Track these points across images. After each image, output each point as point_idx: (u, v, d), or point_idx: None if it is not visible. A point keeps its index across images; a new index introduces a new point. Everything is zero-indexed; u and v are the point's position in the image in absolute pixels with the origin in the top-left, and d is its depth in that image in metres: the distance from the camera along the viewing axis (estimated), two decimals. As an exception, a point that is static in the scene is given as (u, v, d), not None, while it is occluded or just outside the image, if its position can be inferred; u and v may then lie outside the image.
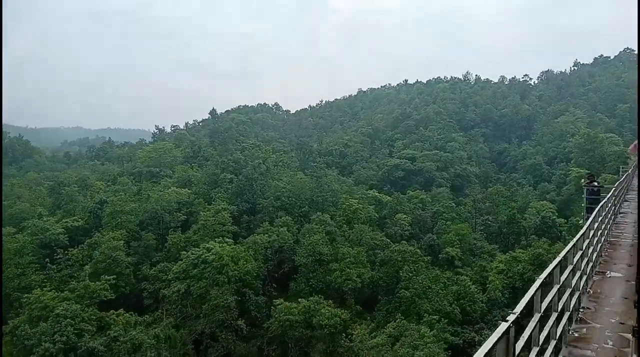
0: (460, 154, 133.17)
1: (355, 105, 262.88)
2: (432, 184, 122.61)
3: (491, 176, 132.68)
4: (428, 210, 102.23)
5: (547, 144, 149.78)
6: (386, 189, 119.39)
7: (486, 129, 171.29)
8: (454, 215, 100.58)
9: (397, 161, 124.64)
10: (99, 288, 51.70)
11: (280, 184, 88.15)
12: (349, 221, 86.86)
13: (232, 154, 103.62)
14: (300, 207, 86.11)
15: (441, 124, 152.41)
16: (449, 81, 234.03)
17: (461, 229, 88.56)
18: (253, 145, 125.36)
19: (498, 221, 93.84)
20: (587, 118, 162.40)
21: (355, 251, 73.26)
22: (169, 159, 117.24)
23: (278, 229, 77.61)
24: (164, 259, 76.40)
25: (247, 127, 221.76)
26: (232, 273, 63.99)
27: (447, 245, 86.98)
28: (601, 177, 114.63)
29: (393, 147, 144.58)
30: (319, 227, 79.10)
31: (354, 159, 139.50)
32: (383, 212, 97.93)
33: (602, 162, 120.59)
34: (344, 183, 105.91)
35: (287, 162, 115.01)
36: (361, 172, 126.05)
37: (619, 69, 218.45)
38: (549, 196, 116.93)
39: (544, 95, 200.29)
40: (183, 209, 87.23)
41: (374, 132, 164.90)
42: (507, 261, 71.80)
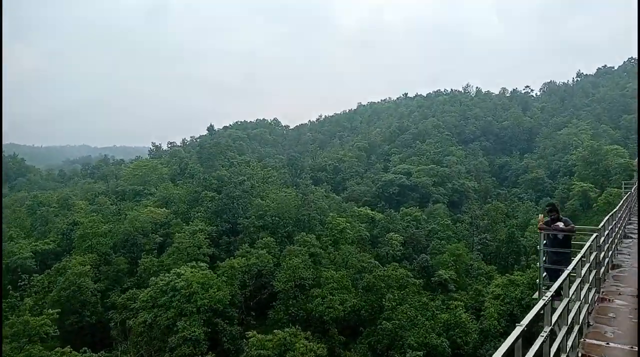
0: (458, 169, 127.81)
1: (354, 119, 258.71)
2: (429, 200, 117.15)
3: (491, 191, 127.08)
4: (423, 228, 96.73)
5: (550, 157, 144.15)
6: (380, 206, 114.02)
7: (487, 142, 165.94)
8: (450, 233, 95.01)
9: (392, 176, 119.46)
10: (39, 324, 46.43)
11: (264, 202, 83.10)
12: (335, 241, 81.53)
13: (215, 171, 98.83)
14: (284, 227, 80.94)
15: (439, 137, 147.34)
16: (449, 94, 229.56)
17: (457, 249, 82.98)
18: (242, 162, 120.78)
19: (496, 240, 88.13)
20: (590, 130, 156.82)
21: (339, 274, 67.83)
22: (153, 177, 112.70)
23: (258, 252, 72.41)
24: (135, 285, 71.31)
25: (244, 143, 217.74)
26: (201, 302, 58.67)
27: (442, 266, 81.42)
28: (606, 192, 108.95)
29: (389, 162, 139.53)
30: (302, 249, 73.78)
31: (348, 174, 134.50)
32: (374, 231, 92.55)
33: (606, 176, 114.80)
34: (333, 200, 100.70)
35: (275, 179, 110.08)
36: (354, 188, 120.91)
37: (623, 79, 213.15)
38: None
39: (546, 107, 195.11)
40: (160, 230, 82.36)
41: (370, 146, 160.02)
42: (504, 285, 65.94)
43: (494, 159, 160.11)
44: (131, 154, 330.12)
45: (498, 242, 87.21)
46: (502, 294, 64.89)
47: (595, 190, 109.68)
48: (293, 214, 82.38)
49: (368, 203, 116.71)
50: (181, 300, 60.39)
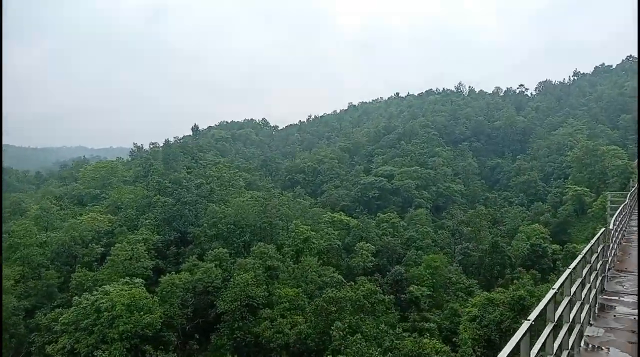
0: (443, 171, 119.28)
1: (344, 119, 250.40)
2: (412, 204, 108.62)
3: (479, 195, 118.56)
4: (400, 236, 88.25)
5: (543, 159, 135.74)
6: (358, 211, 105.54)
7: (477, 143, 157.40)
8: (430, 242, 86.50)
9: (372, 179, 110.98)
10: None
11: (219, 208, 74.51)
12: (299, 252, 72.96)
13: (173, 173, 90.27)
14: (241, 236, 72.35)
15: (425, 137, 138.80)
16: (441, 93, 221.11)
17: (434, 260, 74.46)
18: (211, 163, 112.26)
19: (479, 250, 79.58)
20: (587, 130, 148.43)
21: (293, 292, 59.32)
22: (113, 180, 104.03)
23: (205, 265, 63.89)
24: (67, 302, 62.74)
25: (227, 143, 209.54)
26: (123, 327, 50.11)
27: (417, 280, 72.90)
28: (602, 196, 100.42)
29: (372, 164, 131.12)
30: (257, 262, 65.25)
31: (328, 177, 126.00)
32: (347, 240, 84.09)
33: (603, 178, 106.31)
34: (301, 205, 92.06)
35: (244, 182, 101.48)
36: (332, 192, 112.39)
37: (621, 77, 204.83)
38: (543, 218, 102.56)
39: (541, 107, 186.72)
40: (103, 240, 73.78)
41: (354, 147, 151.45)
42: (482, 305, 57.36)
43: (485, 161, 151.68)
44: (124, 154, 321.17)
45: (481, 252, 78.69)
46: (479, 315, 56.41)
47: (590, 194, 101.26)
48: (252, 222, 73.82)
49: (346, 208, 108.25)
50: (104, 324, 51.96)
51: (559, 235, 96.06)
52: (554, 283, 7.42)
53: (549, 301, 6.62)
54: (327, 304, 48.04)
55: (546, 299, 6.57)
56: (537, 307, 6.11)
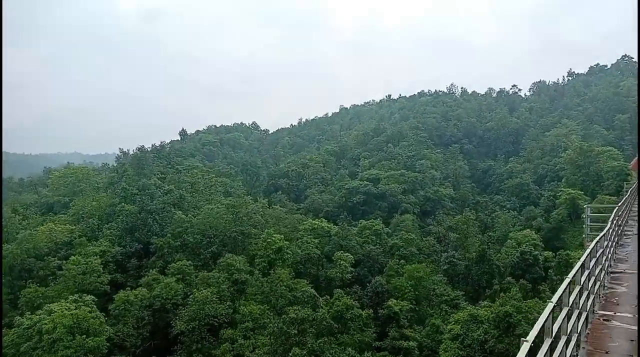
0: (432, 174, 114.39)
1: (335, 122, 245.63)
2: (398, 209, 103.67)
3: (469, 199, 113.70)
4: (383, 244, 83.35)
5: (536, 161, 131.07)
6: (342, 217, 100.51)
7: (469, 145, 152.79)
8: (415, 250, 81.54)
9: (356, 184, 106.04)
10: None
11: (186, 217, 69.45)
12: (271, 264, 67.91)
13: (143, 179, 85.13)
14: (208, 247, 67.28)
15: (414, 139, 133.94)
16: (432, 95, 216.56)
17: (416, 271, 69.53)
18: (188, 168, 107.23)
19: (466, 258, 74.63)
20: (581, 130, 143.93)
21: (259, 309, 54.30)
22: (84, 186, 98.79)
23: (165, 280, 58.87)
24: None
25: (214, 148, 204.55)
26: (63, 353, 45.05)
27: (398, 292, 67.97)
28: (597, 200, 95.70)
29: (358, 167, 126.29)
30: (222, 275, 60.25)
31: (312, 181, 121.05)
32: (326, 248, 79.11)
33: (597, 181, 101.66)
34: (276, 212, 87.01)
35: (222, 188, 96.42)
36: (315, 197, 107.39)
37: (616, 77, 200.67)
38: (535, 223, 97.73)
39: (535, 107, 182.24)
40: (61, 252, 68.64)
41: (341, 150, 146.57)
42: (465, 322, 52.49)
43: (477, 163, 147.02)
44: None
45: (468, 261, 73.72)
46: (461, 334, 51.52)
47: (585, 197, 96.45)
48: (222, 231, 68.79)
49: (330, 214, 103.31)
50: (45, 348, 46.89)
51: (551, 241, 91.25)
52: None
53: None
54: (288, 327, 42.95)
55: None
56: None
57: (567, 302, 8.10)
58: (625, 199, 28.48)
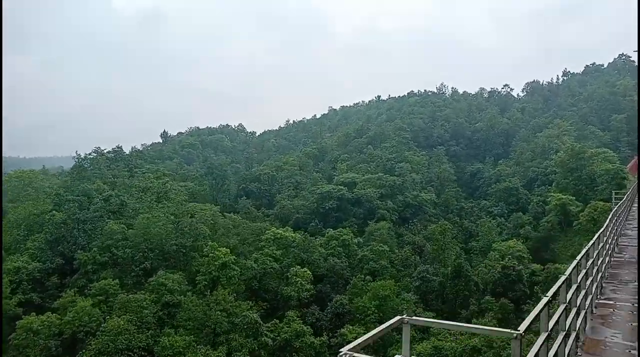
0: (412, 178, 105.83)
1: (323, 124, 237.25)
2: (374, 216, 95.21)
3: (453, 204, 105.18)
4: (351, 257, 74.86)
5: (527, 163, 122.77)
6: (313, 225, 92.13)
7: (456, 147, 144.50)
8: (386, 263, 72.98)
9: (329, 188, 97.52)
10: None
11: (117, 227, 60.84)
12: (215, 282, 59.33)
13: (82, 184, 76.56)
14: (141, 262, 58.66)
15: (396, 141, 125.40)
16: (422, 95, 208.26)
17: (382, 288, 61.04)
18: (147, 172, 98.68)
19: (441, 274, 66.12)
20: (575, 131, 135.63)
21: (182, 341, 45.69)
22: (30, 191, 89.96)
23: (81, 303, 50.27)
24: None
25: (193, 150, 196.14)
26: None
27: (360, 314, 59.50)
28: (590, 206, 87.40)
29: (335, 170, 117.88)
30: (150, 297, 51.71)
31: (286, 186, 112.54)
32: (285, 262, 70.59)
33: (591, 185, 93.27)
34: (232, 220, 78.40)
35: (182, 195, 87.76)
36: (285, 202, 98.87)
37: (613, 76, 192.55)
38: (524, 231, 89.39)
39: (527, 108, 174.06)
40: (-24, 268, 60.07)
41: (320, 153, 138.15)
42: (428, 356, 44.04)
43: (465, 166, 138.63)
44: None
45: (443, 276, 65.20)
46: (421, 371, 43.14)
47: (576, 203, 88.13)
48: (158, 244, 60.21)
49: (300, 221, 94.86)
50: None
51: (540, 252, 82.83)
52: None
53: None
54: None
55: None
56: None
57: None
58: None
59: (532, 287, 67.54)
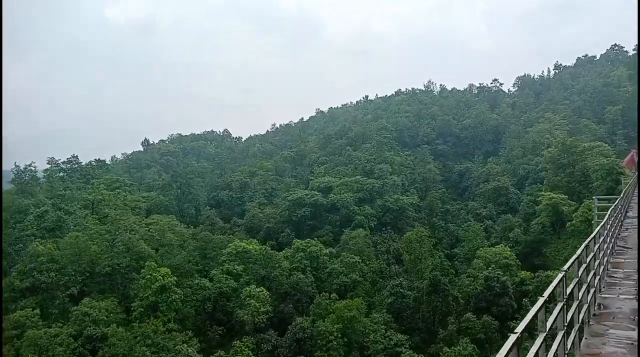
0: (392, 180, 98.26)
1: (310, 127, 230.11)
2: (352, 223, 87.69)
3: (437, 207, 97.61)
4: (320, 270, 67.33)
5: (517, 161, 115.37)
6: (284, 235, 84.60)
7: (444, 146, 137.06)
8: (358, 277, 65.42)
9: (302, 194, 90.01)
10: None
11: (42, 247, 53.26)
12: (154, 308, 51.69)
13: (18, 199, 69.08)
14: (67, 288, 51.04)
15: (377, 141, 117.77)
16: (409, 93, 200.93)
17: (347, 309, 53.49)
18: (107, 181, 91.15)
19: (416, 288, 58.55)
20: (568, 125, 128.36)
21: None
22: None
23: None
24: None
25: (172, 157, 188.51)
26: None
27: (322, 340, 51.90)
28: (584, 205, 79.99)
29: (312, 174, 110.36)
30: (69, 331, 44.05)
31: (260, 192, 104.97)
32: (242, 279, 63.07)
33: (585, 181, 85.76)
34: (179, 235, 70.72)
35: (140, 205, 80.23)
36: (255, 211, 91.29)
37: (606, 68, 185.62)
38: (513, 234, 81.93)
39: (518, 103, 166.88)
40: None
41: (299, 156, 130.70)
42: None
43: (453, 166, 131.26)
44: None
45: (418, 291, 57.62)
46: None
47: (569, 202, 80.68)
48: (89, 265, 52.59)
49: (271, 231, 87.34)
50: None
51: (530, 257, 75.40)
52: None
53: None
54: None
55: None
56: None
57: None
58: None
59: (520, 299, 60.09)
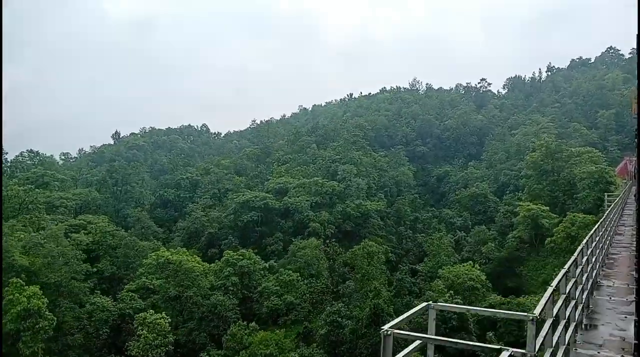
0: (357, 183, 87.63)
1: (291, 124, 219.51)
2: (305, 230, 77.08)
3: (405, 215, 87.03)
4: (250, 289, 56.66)
5: (499, 165, 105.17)
6: (226, 243, 73.81)
7: (423, 147, 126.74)
8: (293, 298, 54.76)
9: (250, 196, 79.24)
10: None
11: None
12: (15, 337, 40.80)
13: None
14: None
15: (347, 140, 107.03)
16: (393, 91, 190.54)
17: (264, 343, 42.87)
18: (31, 177, 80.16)
19: (355, 318, 47.93)
20: (556, 128, 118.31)
21: None
22: None
23: None
24: None
25: (139, 151, 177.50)
26: None
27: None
28: (567, 219, 69.77)
29: (271, 174, 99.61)
30: None
31: (210, 192, 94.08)
32: (149, 300, 52.25)
33: (569, 192, 75.52)
34: (116, 238, 60.04)
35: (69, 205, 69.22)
36: (198, 214, 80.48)
37: (601, 71, 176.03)
38: (486, 249, 71.50)
39: (506, 104, 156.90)
40: None
41: (264, 153, 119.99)
42: None
43: (432, 169, 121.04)
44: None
45: (356, 321, 46.98)
46: None
47: (551, 215, 70.46)
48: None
49: (214, 238, 76.65)
50: None
51: (503, 277, 64.99)
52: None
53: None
54: None
55: None
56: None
57: None
58: None
59: (485, 332, 49.68)
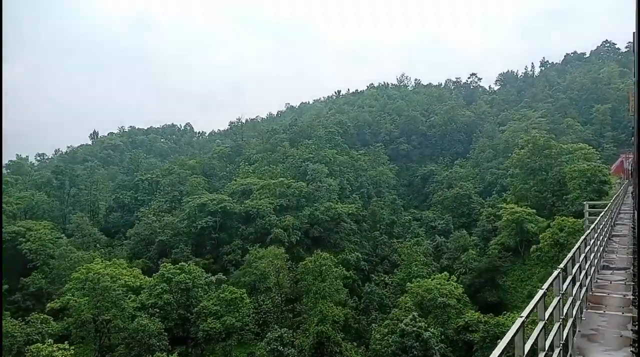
0: (328, 184, 79.99)
1: (276, 122, 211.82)
2: (268, 237, 69.43)
3: (382, 218, 79.39)
4: (187, 308, 49.07)
5: (485, 164, 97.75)
6: (177, 252, 66.16)
7: (407, 145, 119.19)
8: (235, 320, 47.07)
9: (206, 199, 71.56)
10: None
11: None
12: None
13: None
14: None
15: (322, 138, 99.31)
16: (380, 87, 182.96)
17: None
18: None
19: (298, 347, 40.31)
20: (549, 124, 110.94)
21: None
22: None
23: None
24: None
25: (114, 151, 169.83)
26: None
27: None
28: (555, 223, 62.34)
29: (237, 174, 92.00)
30: None
31: (170, 195, 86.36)
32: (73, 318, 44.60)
33: (558, 192, 68.04)
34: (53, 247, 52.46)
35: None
36: (149, 219, 72.77)
37: (596, 65, 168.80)
38: (466, 256, 64.02)
39: (497, 100, 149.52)
40: None
41: (235, 152, 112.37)
42: None
43: (417, 168, 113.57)
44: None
45: (300, 350, 39.36)
46: None
47: (537, 218, 63.05)
48: None
49: (165, 246, 68.99)
50: None
51: (482, 290, 57.53)
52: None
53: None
54: None
55: None
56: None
57: None
58: None
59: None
